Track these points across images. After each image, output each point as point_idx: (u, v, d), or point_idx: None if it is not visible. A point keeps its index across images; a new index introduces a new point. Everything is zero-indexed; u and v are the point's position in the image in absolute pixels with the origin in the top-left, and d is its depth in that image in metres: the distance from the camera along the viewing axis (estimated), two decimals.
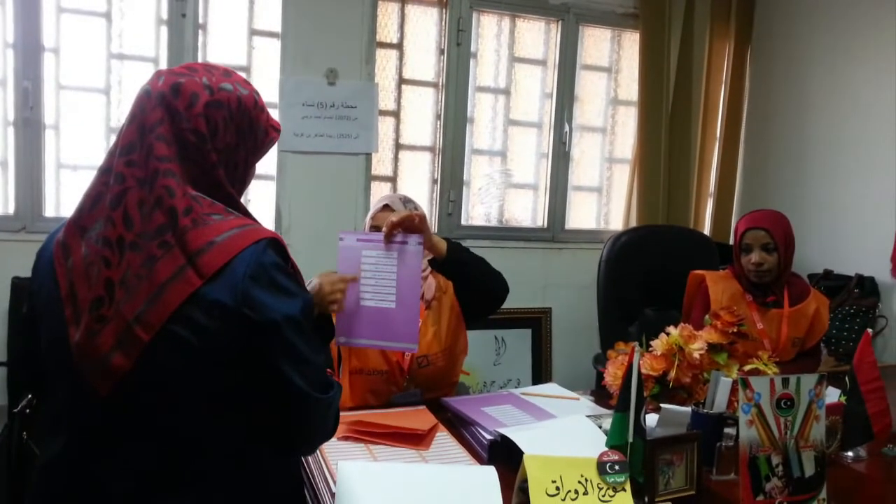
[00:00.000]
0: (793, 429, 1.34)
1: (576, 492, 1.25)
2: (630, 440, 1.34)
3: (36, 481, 1.17)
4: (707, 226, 3.85)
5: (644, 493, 1.34)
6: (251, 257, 1.07)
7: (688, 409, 1.59)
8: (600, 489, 1.27)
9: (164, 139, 1.08)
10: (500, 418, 1.68)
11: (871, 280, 3.16)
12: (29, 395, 1.48)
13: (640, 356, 1.58)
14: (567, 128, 3.59)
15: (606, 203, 3.82)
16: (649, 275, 2.94)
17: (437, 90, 3.39)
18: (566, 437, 1.54)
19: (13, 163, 2.76)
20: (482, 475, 1.36)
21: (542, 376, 3.53)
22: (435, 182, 3.44)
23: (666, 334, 1.85)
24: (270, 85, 3.03)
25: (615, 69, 3.74)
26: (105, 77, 2.89)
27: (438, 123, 3.40)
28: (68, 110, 2.84)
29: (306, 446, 1.24)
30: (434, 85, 3.39)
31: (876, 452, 1.70)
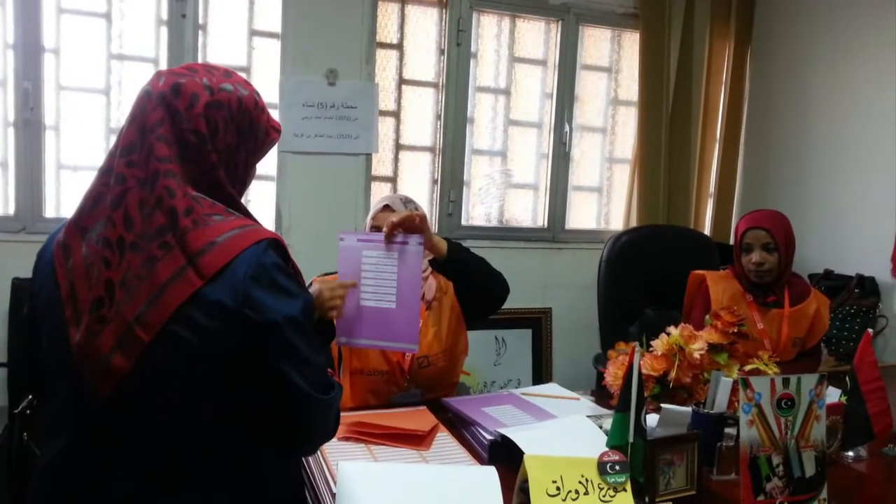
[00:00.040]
0: (793, 429, 1.34)
1: (576, 492, 1.25)
2: (631, 440, 1.34)
3: (36, 482, 1.17)
4: (707, 226, 3.85)
5: (644, 494, 1.34)
6: (252, 258, 1.07)
7: (688, 410, 1.59)
8: (601, 489, 1.27)
9: (165, 140, 1.08)
10: (501, 418, 1.68)
11: (872, 280, 3.16)
12: (29, 396, 1.48)
13: (641, 356, 1.58)
14: (567, 128, 3.59)
15: (607, 203, 3.82)
16: (650, 275, 2.94)
17: (438, 90, 3.39)
18: (567, 438, 1.54)
19: (13, 163, 2.76)
20: (483, 475, 1.36)
21: (543, 376, 3.53)
22: (435, 182, 3.44)
23: (666, 334, 1.85)
24: (270, 85, 3.03)
25: (615, 69, 3.74)
26: (105, 78, 2.89)
27: (438, 124, 3.40)
28: (68, 111, 2.84)
29: (307, 447, 1.24)
30: (434, 85, 3.39)
31: (876, 452, 1.70)
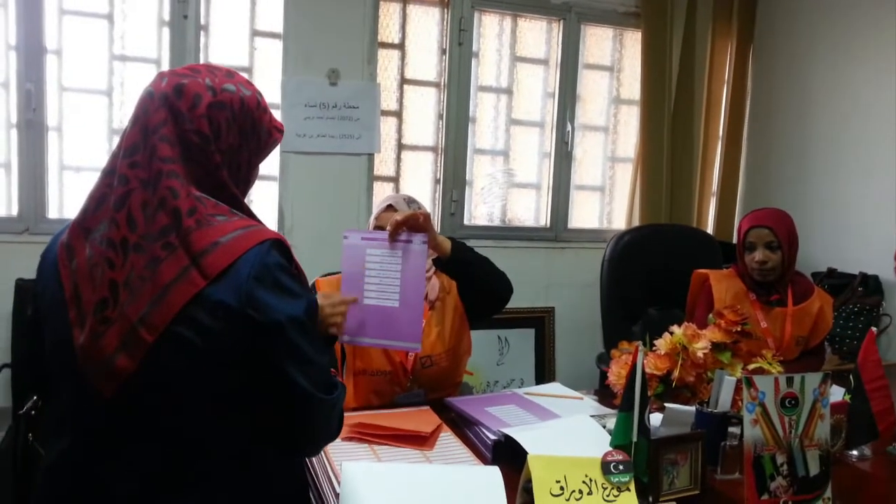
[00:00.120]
0: (797, 428, 1.34)
1: (580, 492, 1.25)
2: (634, 440, 1.34)
3: (40, 483, 1.17)
4: (710, 224, 3.85)
5: (648, 493, 1.34)
6: (255, 258, 1.07)
7: (692, 409, 1.59)
8: (604, 489, 1.27)
9: (168, 140, 1.08)
10: (504, 418, 1.68)
11: (875, 278, 3.16)
12: (34, 397, 1.49)
13: (644, 355, 1.58)
14: (569, 127, 3.59)
15: (609, 202, 3.82)
16: (652, 274, 2.94)
17: (439, 90, 3.39)
18: (570, 437, 1.54)
19: (16, 164, 2.77)
20: (486, 475, 1.36)
21: (546, 376, 3.53)
22: (437, 182, 3.44)
23: (669, 333, 1.84)
24: (272, 86, 3.03)
25: (617, 68, 3.73)
26: (107, 78, 2.89)
27: (441, 123, 3.40)
28: (71, 112, 2.84)
29: (311, 447, 1.24)
30: (436, 85, 3.39)
31: (881, 451, 1.70)
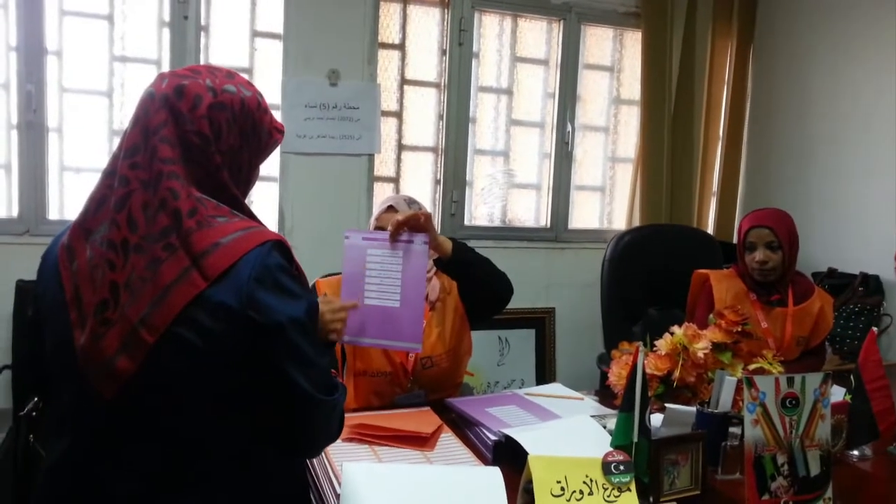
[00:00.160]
0: (798, 428, 1.34)
1: (581, 492, 1.25)
2: (635, 440, 1.34)
3: (41, 483, 1.18)
4: (710, 225, 3.85)
5: (649, 493, 1.34)
6: (256, 259, 1.07)
7: (692, 409, 1.59)
8: (605, 489, 1.27)
9: (168, 141, 1.08)
10: (505, 419, 1.68)
11: (876, 278, 3.16)
12: (34, 399, 1.49)
13: (645, 356, 1.58)
14: (570, 127, 3.59)
15: (609, 202, 3.82)
16: (653, 274, 2.94)
17: (440, 90, 3.39)
18: (571, 438, 1.54)
19: (17, 166, 2.77)
20: (487, 476, 1.36)
21: (546, 376, 3.53)
22: (438, 182, 3.44)
23: (670, 334, 1.84)
24: (272, 86, 3.03)
25: (617, 68, 3.74)
26: (108, 79, 2.89)
27: (441, 124, 3.40)
28: (71, 113, 2.85)
29: (311, 448, 1.24)
30: (436, 85, 3.39)
31: (881, 451, 1.70)
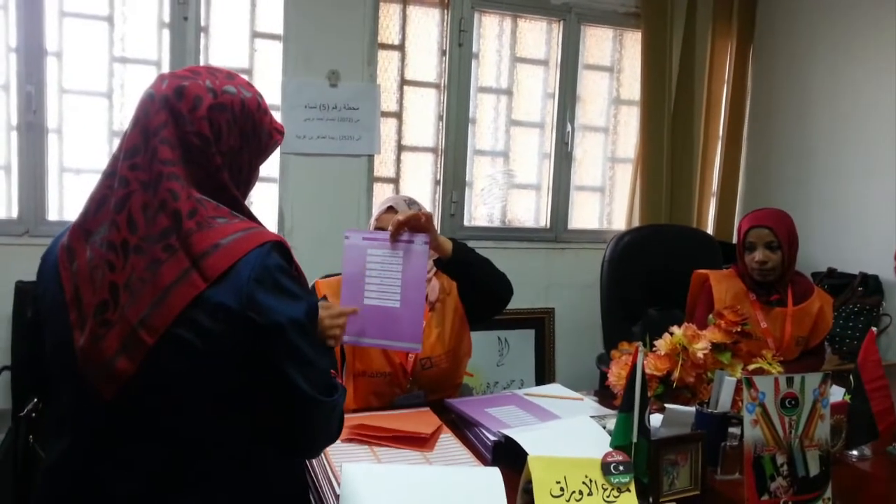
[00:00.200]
0: (797, 428, 1.34)
1: (580, 492, 1.25)
2: (634, 440, 1.34)
3: (41, 484, 1.18)
4: (710, 225, 3.85)
5: (648, 494, 1.34)
6: (256, 260, 1.07)
7: (692, 409, 1.59)
8: (605, 490, 1.27)
9: (168, 142, 1.08)
10: (504, 419, 1.68)
11: (875, 278, 3.16)
12: (34, 399, 1.49)
13: (644, 356, 1.58)
14: (569, 128, 3.59)
15: (609, 203, 3.82)
16: (652, 274, 2.94)
17: (439, 91, 3.39)
18: (570, 438, 1.54)
19: (16, 167, 2.77)
20: (486, 476, 1.36)
21: (546, 377, 3.53)
22: (437, 183, 3.44)
23: (669, 334, 1.84)
24: (272, 87, 3.03)
25: (617, 69, 3.74)
26: (108, 81, 2.89)
27: (440, 124, 3.40)
28: (71, 114, 2.84)
29: (310, 449, 1.24)
30: (436, 86, 3.39)
31: (881, 451, 1.70)
